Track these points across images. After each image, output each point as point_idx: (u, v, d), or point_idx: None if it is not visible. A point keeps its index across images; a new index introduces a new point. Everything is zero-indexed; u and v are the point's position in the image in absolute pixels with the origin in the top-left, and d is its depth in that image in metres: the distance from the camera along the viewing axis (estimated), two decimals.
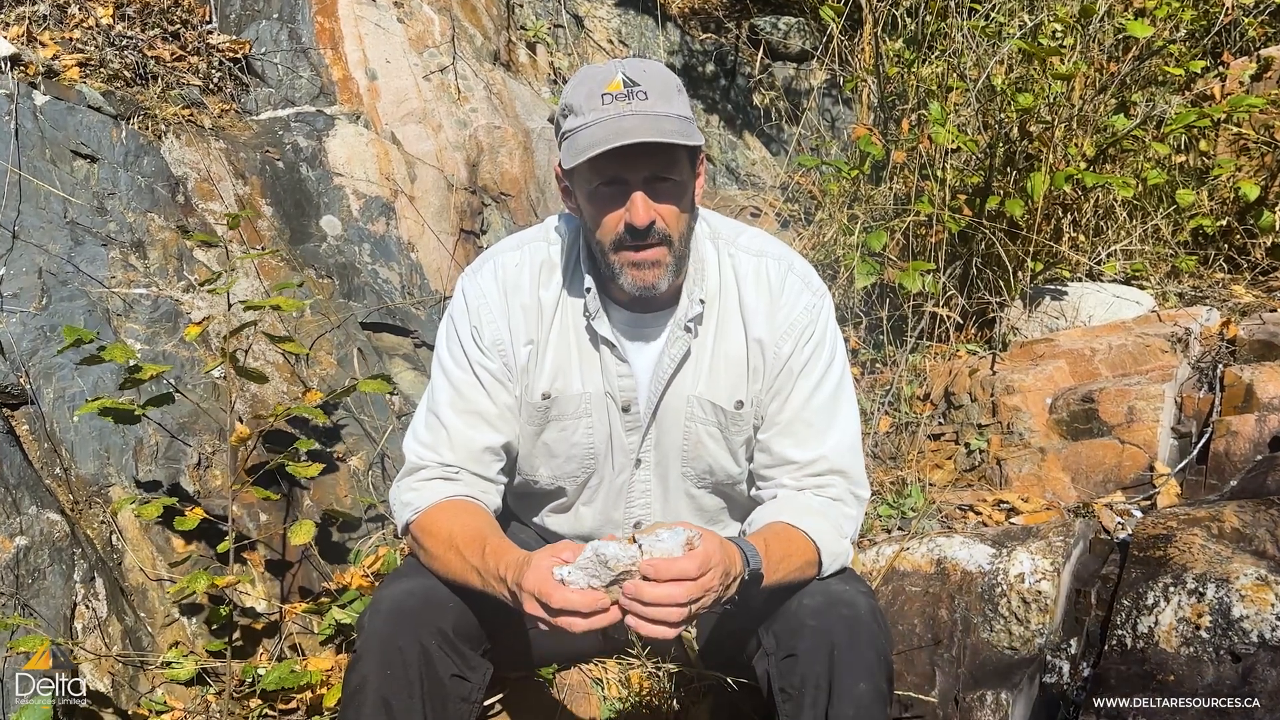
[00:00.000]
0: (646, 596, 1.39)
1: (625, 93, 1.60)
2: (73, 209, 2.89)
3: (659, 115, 1.59)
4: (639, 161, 1.60)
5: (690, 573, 1.40)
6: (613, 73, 1.63)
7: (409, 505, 1.77)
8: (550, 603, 1.41)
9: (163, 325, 2.84)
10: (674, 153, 1.62)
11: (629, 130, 1.57)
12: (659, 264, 1.67)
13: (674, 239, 1.67)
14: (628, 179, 1.62)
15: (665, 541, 1.42)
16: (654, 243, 1.65)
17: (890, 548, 2.48)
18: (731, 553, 1.50)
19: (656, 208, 1.63)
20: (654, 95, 1.61)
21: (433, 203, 3.63)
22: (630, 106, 1.59)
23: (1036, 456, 2.94)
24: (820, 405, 1.77)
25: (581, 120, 1.62)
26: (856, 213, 3.84)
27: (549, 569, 1.43)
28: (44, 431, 2.57)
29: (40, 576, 2.34)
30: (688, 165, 1.68)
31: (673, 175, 1.64)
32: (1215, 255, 4.08)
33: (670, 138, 1.57)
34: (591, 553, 1.41)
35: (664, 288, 1.69)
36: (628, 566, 1.41)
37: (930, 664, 2.27)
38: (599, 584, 1.42)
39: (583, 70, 1.70)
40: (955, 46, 3.87)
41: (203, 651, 2.49)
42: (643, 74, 1.63)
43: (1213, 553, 2.20)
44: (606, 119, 1.59)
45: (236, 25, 3.87)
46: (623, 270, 1.68)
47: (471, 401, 1.79)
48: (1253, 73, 4.24)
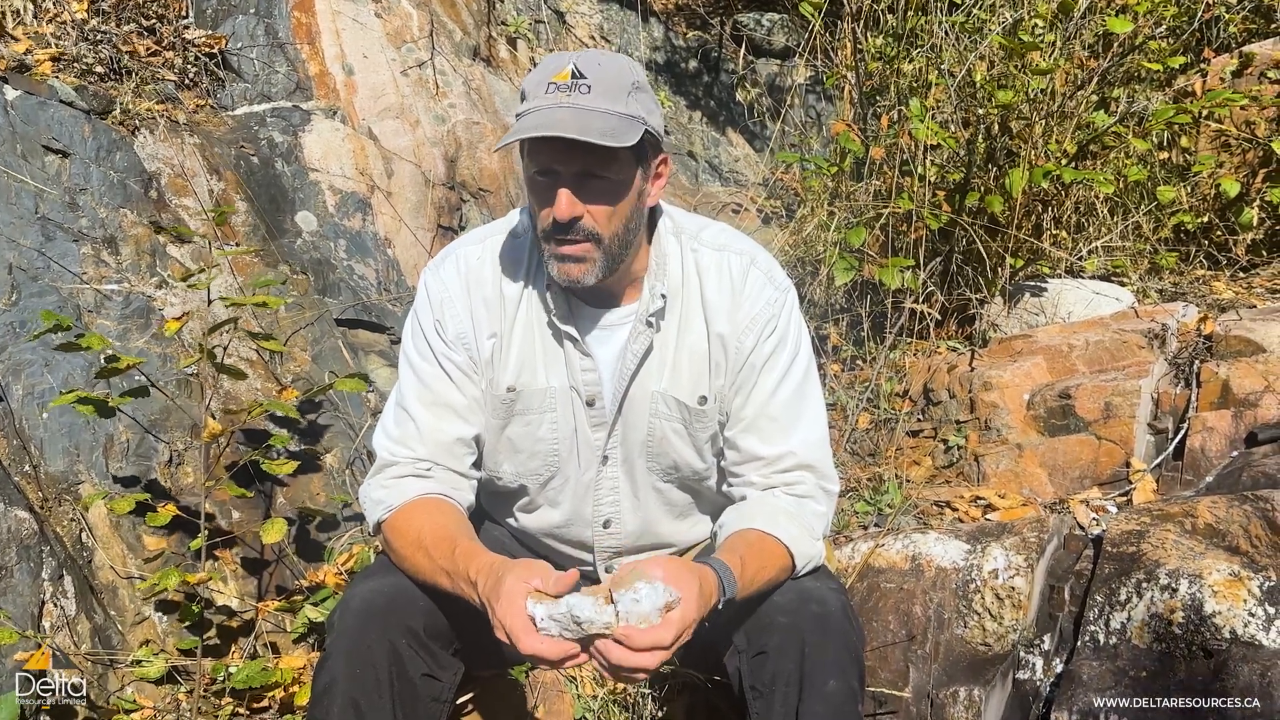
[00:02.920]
0: (615, 660, 1.39)
1: (570, 84, 1.58)
2: (44, 204, 2.86)
3: (592, 111, 1.56)
4: (572, 156, 1.58)
5: (665, 641, 1.38)
6: (565, 63, 1.61)
7: (380, 503, 1.75)
8: (520, 648, 1.40)
9: (134, 321, 2.81)
10: (612, 150, 1.58)
11: (554, 123, 1.55)
12: (584, 259, 1.64)
13: (603, 237, 1.64)
14: (559, 171, 1.60)
15: (643, 603, 1.38)
16: (579, 239, 1.63)
17: (866, 544, 2.47)
18: (709, 593, 1.48)
19: (586, 205, 1.61)
20: (598, 91, 1.58)
21: (410, 198, 3.61)
22: (568, 99, 1.57)
23: (1014, 453, 2.94)
24: (785, 400, 1.75)
25: (525, 105, 1.61)
26: (836, 209, 3.83)
27: (522, 602, 1.42)
28: (12, 428, 2.55)
29: (7, 574, 2.31)
30: (630, 164, 1.64)
31: (606, 174, 1.61)
32: (1196, 252, 4.08)
33: (590, 136, 1.53)
34: (566, 609, 1.38)
35: (589, 283, 1.67)
36: (601, 630, 1.38)
37: (904, 660, 2.27)
38: (571, 637, 1.40)
39: (546, 58, 1.68)
40: (936, 42, 3.87)
41: (173, 650, 2.47)
42: (595, 67, 1.60)
43: (1186, 549, 2.20)
44: (542, 108, 1.58)
45: (213, 20, 3.83)
46: (550, 261, 1.66)
47: (439, 394, 1.77)
48: (1234, 69, 4.25)
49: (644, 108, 1.63)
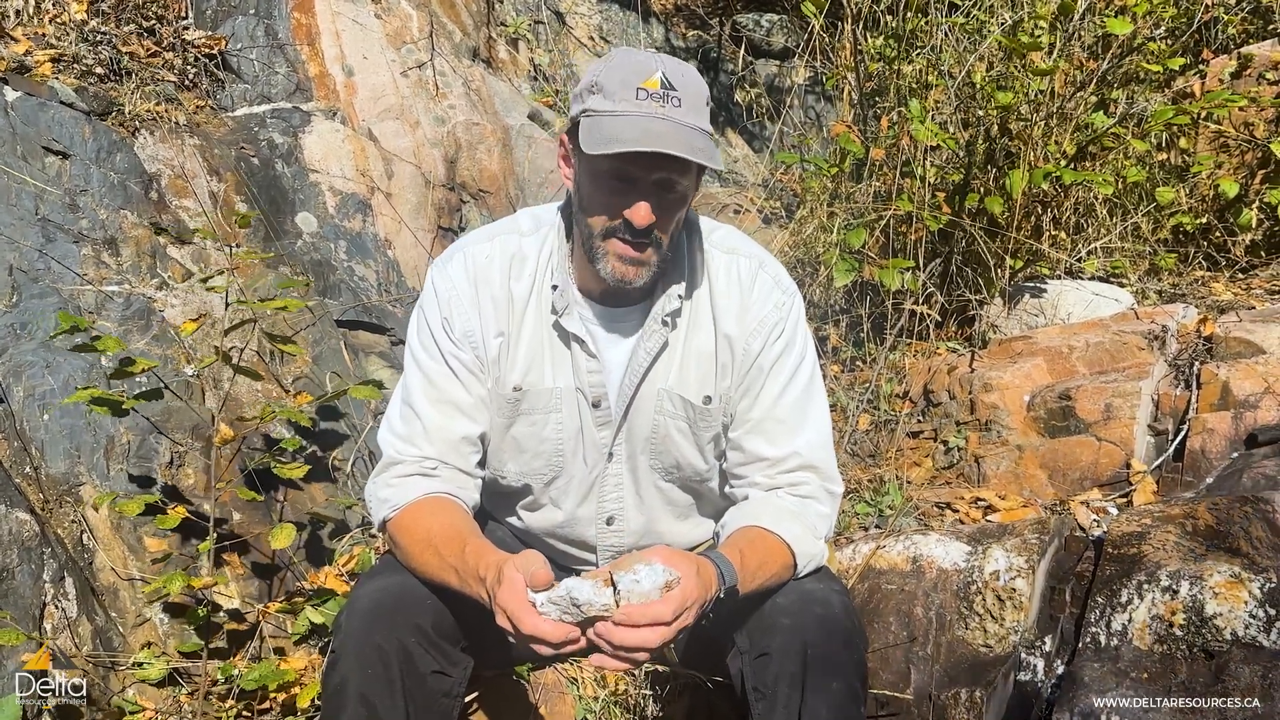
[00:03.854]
0: (616, 640, 1.39)
1: (661, 94, 1.58)
2: (44, 206, 2.86)
3: (690, 128, 1.58)
4: (656, 165, 1.58)
5: (665, 617, 1.39)
6: (653, 69, 1.60)
7: (386, 502, 1.75)
8: (521, 628, 1.40)
9: (135, 323, 2.81)
10: (689, 164, 1.60)
11: (659, 137, 1.55)
12: (645, 264, 1.66)
13: (663, 243, 1.66)
14: (639, 178, 1.61)
15: (643, 583, 1.40)
16: (647, 243, 1.64)
17: (867, 545, 2.47)
18: (708, 579, 1.49)
19: (658, 213, 1.62)
20: (687, 104, 1.59)
21: (410, 200, 3.61)
22: (664, 110, 1.58)
23: (1014, 454, 2.94)
24: (791, 402, 1.76)
25: (610, 106, 1.59)
26: (836, 210, 3.83)
27: (522, 585, 1.42)
28: (13, 430, 2.54)
29: (9, 576, 2.31)
30: (695, 177, 1.67)
31: (680, 185, 1.63)
32: (1195, 253, 4.09)
33: (697, 156, 1.55)
34: (565, 591, 1.39)
35: (640, 284, 1.69)
36: (600, 612, 1.39)
37: (905, 662, 2.27)
38: (570, 620, 1.40)
39: (620, 53, 1.66)
40: (936, 43, 3.87)
41: (174, 652, 2.47)
42: (681, 79, 1.61)
43: (1187, 550, 2.20)
44: (637, 116, 1.57)
45: (213, 21, 3.83)
46: (606, 257, 1.66)
47: (445, 391, 1.77)
48: (1233, 70, 4.25)
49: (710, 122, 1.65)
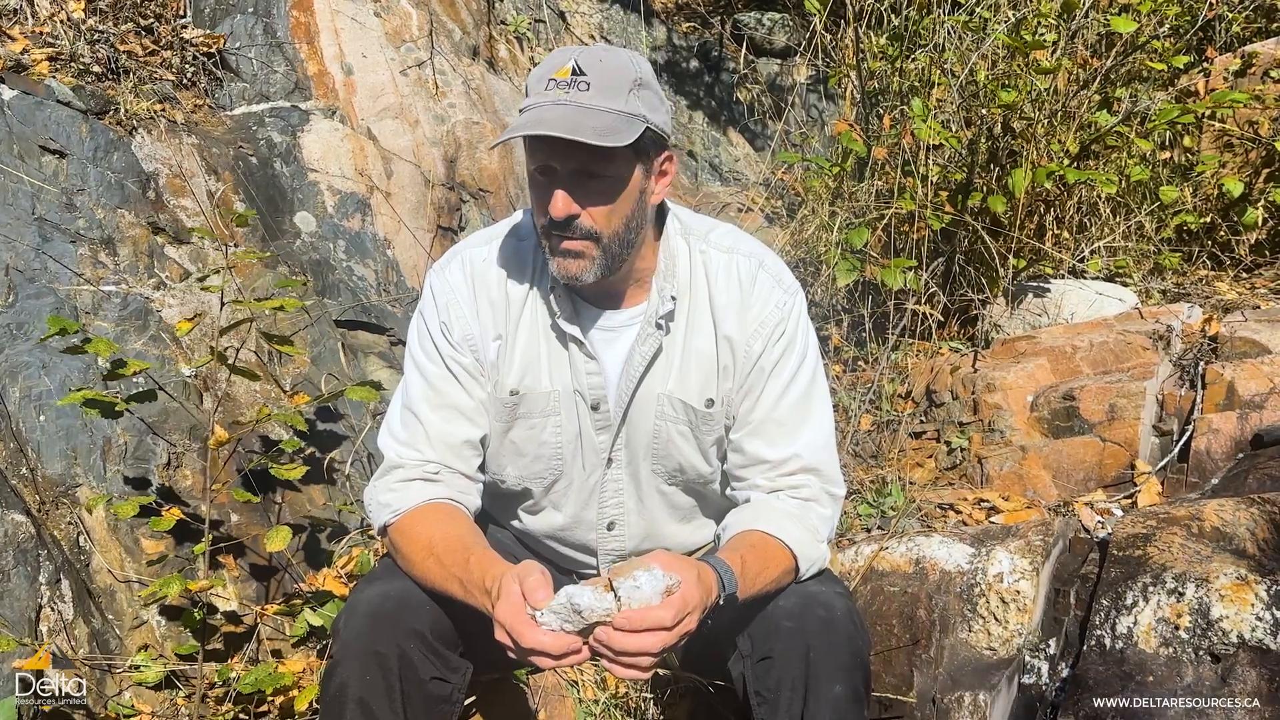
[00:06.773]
0: (618, 645, 1.37)
1: (569, 81, 1.57)
2: (41, 205, 2.84)
3: (587, 109, 1.55)
4: (569, 154, 1.56)
5: (666, 622, 1.38)
6: (567, 59, 1.59)
7: (387, 506, 1.74)
8: (521, 642, 1.39)
9: (132, 323, 2.79)
10: (608, 149, 1.56)
11: (546, 121, 1.54)
12: (583, 256, 1.63)
13: (602, 235, 1.62)
14: (556, 169, 1.59)
15: (643, 589, 1.38)
16: (576, 236, 1.62)
17: (869, 547, 2.45)
18: (709, 584, 1.48)
19: (583, 204, 1.60)
20: (597, 88, 1.56)
21: (409, 199, 3.59)
22: (565, 96, 1.56)
23: (1017, 454, 2.92)
24: (792, 404, 1.74)
25: (526, 102, 1.61)
26: (838, 209, 3.81)
27: (520, 601, 1.41)
28: (9, 431, 2.53)
29: (5, 578, 2.29)
30: (628, 162, 1.62)
31: (604, 172, 1.59)
32: (1199, 252, 4.07)
33: (582, 135, 1.51)
34: (565, 599, 1.38)
35: (589, 280, 1.66)
36: (601, 618, 1.38)
37: (908, 665, 2.25)
38: (571, 629, 1.39)
39: (553, 52, 1.67)
40: (938, 41, 3.85)
41: (171, 654, 2.45)
42: (596, 64, 1.58)
43: (1192, 552, 2.18)
44: (538, 105, 1.57)
45: (211, 19, 3.81)
46: (551, 256, 1.66)
47: (446, 395, 1.76)
48: (1237, 68, 4.23)
49: (646, 105, 1.61)
